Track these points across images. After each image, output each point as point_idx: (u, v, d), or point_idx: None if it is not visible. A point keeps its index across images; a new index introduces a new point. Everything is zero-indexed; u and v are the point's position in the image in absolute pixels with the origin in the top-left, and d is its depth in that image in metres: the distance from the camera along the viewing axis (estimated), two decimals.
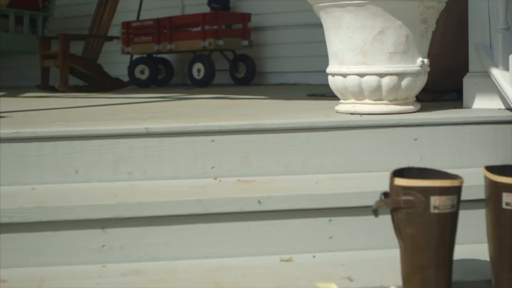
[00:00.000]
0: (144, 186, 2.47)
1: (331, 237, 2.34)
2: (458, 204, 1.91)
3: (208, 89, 6.18)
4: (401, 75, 2.74)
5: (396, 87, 2.75)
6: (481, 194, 2.09)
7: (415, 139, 2.64)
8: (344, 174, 2.59)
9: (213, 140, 2.57)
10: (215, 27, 6.68)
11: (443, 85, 3.34)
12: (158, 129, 2.56)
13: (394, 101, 2.79)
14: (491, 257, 2.01)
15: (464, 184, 1.99)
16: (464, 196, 2.15)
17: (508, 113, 2.72)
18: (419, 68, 2.77)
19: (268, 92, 4.99)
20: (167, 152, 2.56)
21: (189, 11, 7.55)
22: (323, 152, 2.61)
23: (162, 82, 7.35)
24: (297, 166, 2.60)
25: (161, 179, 2.56)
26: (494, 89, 2.84)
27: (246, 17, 6.86)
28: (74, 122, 2.79)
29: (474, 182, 2.30)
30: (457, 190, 1.89)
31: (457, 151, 2.66)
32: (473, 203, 2.34)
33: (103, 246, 2.26)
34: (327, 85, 2.96)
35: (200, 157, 2.58)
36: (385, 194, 1.96)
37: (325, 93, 4.38)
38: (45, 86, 6.55)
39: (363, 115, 2.73)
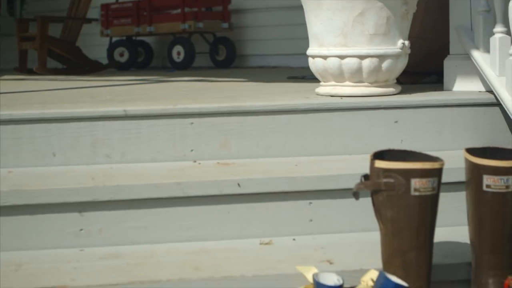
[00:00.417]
0: (123, 169, 2.44)
1: (311, 220, 2.33)
2: (439, 186, 1.90)
3: (188, 71, 6.14)
4: (381, 57, 2.73)
5: (376, 69, 2.73)
6: (462, 177, 2.08)
7: (396, 122, 2.63)
8: (324, 156, 2.58)
9: (192, 123, 2.55)
10: (195, 9, 6.63)
11: (424, 68, 3.33)
12: (137, 112, 2.53)
13: (375, 83, 2.78)
14: (471, 240, 2.00)
15: (445, 167, 1.98)
16: (445, 178, 2.14)
17: (489, 95, 2.71)
18: (400, 50, 2.75)
19: (248, 75, 4.96)
20: (145, 135, 2.53)
21: None
22: (303, 134, 2.59)
23: (142, 65, 7.30)
24: (277, 149, 2.58)
25: (139, 162, 2.53)
26: (474, 71, 2.83)
27: None
28: (52, 105, 2.75)
29: (455, 164, 2.29)
30: (437, 173, 1.88)
31: (438, 134, 2.65)
32: (454, 186, 2.33)
33: (81, 229, 2.23)
34: (308, 68, 2.94)
35: (179, 139, 2.55)
36: (366, 177, 1.94)
37: (305, 76, 4.36)
38: (23, 69, 6.49)
39: (343, 98, 2.71)
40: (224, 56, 6.96)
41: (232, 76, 4.91)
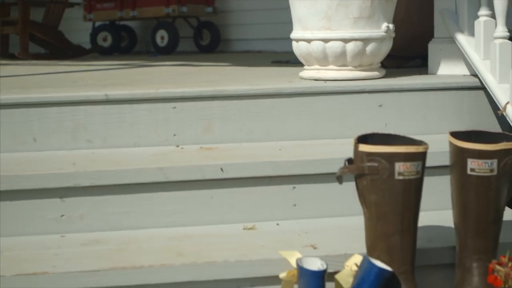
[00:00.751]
0: (104, 154, 2.42)
1: (295, 205, 2.31)
2: (423, 170, 1.88)
3: (171, 56, 6.09)
4: (366, 41, 2.70)
5: (361, 53, 2.71)
6: (446, 160, 2.07)
7: (380, 105, 2.61)
8: (308, 141, 2.56)
9: (174, 107, 2.52)
10: None
11: (409, 52, 3.31)
12: (119, 96, 2.50)
13: (359, 67, 2.76)
14: (455, 224, 1.99)
15: (429, 150, 1.96)
16: (429, 162, 2.13)
17: (473, 79, 2.69)
18: (384, 34, 2.73)
19: (232, 59, 4.93)
20: (128, 120, 2.51)
21: None
22: (287, 118, 2.57)
23: (125, 50, 7.25)
24: (260, 133, 2.56)
25: (121, 147, 2.50)
26: (459, 55, 2.82)
27: None
28: (32, 89, 2.71)
29: (439, 148, 2.28)
30: (422, 156, 1.86)
31: (422, 117, 2.64)
32: (438, 169, 2.32)
33: (62, 215, 2.20)
34: (293, 53, 2.91)
35: (162, 124, 2.53)
36: (349, 161, 1.92)
37: (289, 60, 4.33)
38: (5, 54, 6.42)
39: (327, 81, 2.69)
40: (208, 40, 6.91)
41: (216, 60, 4.87)
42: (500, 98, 2.49)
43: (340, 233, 2.18)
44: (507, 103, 2.43)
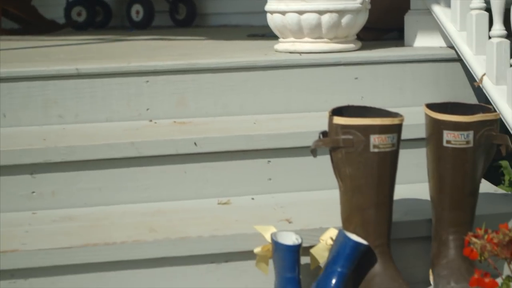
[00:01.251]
0: (76, 130, 2.37)
1: (270, 179, 2.29)
2: (399, 142, 1.86)
3: (147, 31, 6.01)
4: (341, 12, 2.67)
5: (336, 25, 2.68)
6: (422, 133, 2.05)
7: (356, 78, 2.58)
8: (283, 114, 2.53)
9: (147, 81, 2.48)
10: None
11: (385, 24, 3.27)
12: (90, 70, 2.45)
13: (335, 39, 2.72)
14: (431, 196, 1.97)
15: (406, 123, 1.94)
16: (405, 135, 2.11)
17: (450, 51, 2.67)
18: (360, 5, 2.69)
19: (208, 33, 4.87)
20: (99, 94, 2.46)
21: None
22: (262, 92, 2.54)
23: (100, 25, 7.14)
24: (235, 107, 2.52)
25: (93, 122, 2.46)
26: (435, 26, 2.78)
27: None
28: (2, 64, 2.65)
29: (415, 120, 2.26)
30: (397, 128, 1.84)
31: (399, 90, 2.61)
32: (415, 142, 2.30)
33: (33, 192, 2.17)
34: (269, 26, 2.87)
35: (135, 98, 2.48)
36: (324, 134, 1.90)
37: (265, 33, 4.27)
38: None
39: (302, 54, 2.65)
40: (184, 15, 6.83)
41: (191, 34, 4.81)
42: (477, 70, 2.47)
43: (316, 207, 2.16)
44: (484, 74, 2.41)
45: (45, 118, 2.43)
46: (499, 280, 1.68)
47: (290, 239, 1.89)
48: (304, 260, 1.94)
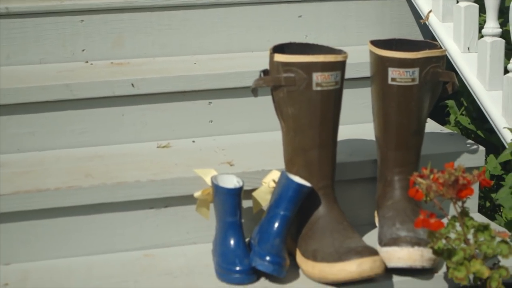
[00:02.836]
0: (7, 72, 2.26)
1: (211, 121, 2.22)
2: (342, 81, 1.79)
3: None
4: None
5: None
6: (367, 72, 1.99)
7: (300, 16, 2.51)
8: (224, 54, 2.45)
9: (82, 20, 2.37)
10: None
11: None
12: (20, 9, 2.33)
13: None
14: (376, 136, 1.92)
15: (350, 61, 1.89)
16: (350, 74, 2.06)
17: None
18: None
19: None
20: (32, 35, 2.34)
21: None
22: (203, 31, 2.45)
23: None
24: (174, 47, 2.43)
25: (27, 64, 2.35)
26: None
27: None
28: None
29: (360, 59, 2.22)
30: (341, 66, 1.77)
31: (343, 28, 2.55)
32: (360, 81, 2.25)
33: None
34: None
35: (69, 39, 2.37)
36: (265, 72, 1.82)
37: None
38: None
39: None
40: None
41: None
42: (423, 7, 2.42)
43: (258, 149, 2.09)
44: (430, 11, 2.36)
45: None
46: (445, 221, 1.65)
47: (231, 182, 1.82)
48: (247, 204, 1.88)
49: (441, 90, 1.90)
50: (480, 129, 2.40)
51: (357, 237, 1.74)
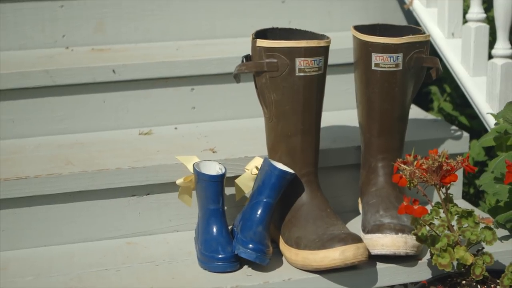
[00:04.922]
0: None
1: (193, 108, 2.20)
2: (325, 66, 1.77)
3: None
4: None
5: None
6: (351, 58, 1.97)
7: (283, 1, 2.48)
8: (207, 40, 2.42)
9: (62, 6, 2.33)
10: None
11: None
12: None
13: None
14: (360, 122, 1.91)
15: (334, 47, 1.87)
16: (334, 59, 2.05)
17: None
18: None
19: None
20: (11, 20, 2.31)
21: None
22: (185, 17, 2.42)
23: None
24: (157, 33, 2.40)
25: (5, 50, 2.31)
26: None
27: None
28: None
29: (344, 45, 2.20)
30: (324, 51, 1.75)
31: (327, 14, 2.52)
32: (343, 67, 2.24)
33: None
34: None
35: (49, 24, 2.34)
36: (248, 58, 1.80)
37: None
38: None
39: None
40: None
41: None
42: None
43: (241, 136, 2.07)
44: None
45: None
46: (428, 207, 1.63)
47: (213, 169, 1.80)
48: (229, 191, 1.87)
49: (425, 75, 1.89)
50: (463, 115, 2.39)
51: (341, 224, 1.73)
